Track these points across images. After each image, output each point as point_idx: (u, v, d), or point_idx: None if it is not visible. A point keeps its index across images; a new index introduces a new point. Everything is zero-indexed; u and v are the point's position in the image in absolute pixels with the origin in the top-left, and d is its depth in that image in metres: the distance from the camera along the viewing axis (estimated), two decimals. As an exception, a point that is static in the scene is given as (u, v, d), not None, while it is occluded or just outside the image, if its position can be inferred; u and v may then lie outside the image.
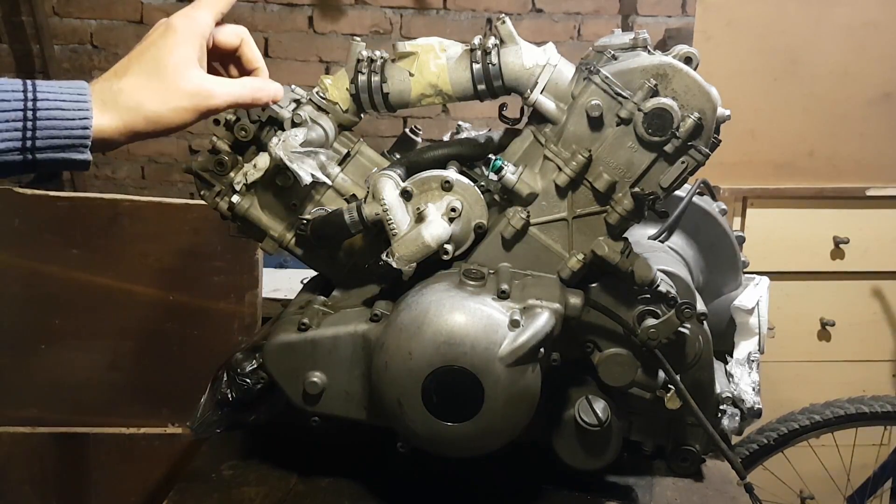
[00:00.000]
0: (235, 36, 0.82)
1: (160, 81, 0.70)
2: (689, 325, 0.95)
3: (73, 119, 0.65)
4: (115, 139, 0.68)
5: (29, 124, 0.64)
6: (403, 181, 0.96)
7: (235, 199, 1.01)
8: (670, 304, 0.94)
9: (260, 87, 0.79)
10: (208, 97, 0.72)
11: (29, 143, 0.64)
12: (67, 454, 1.80)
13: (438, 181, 0.96)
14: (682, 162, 0.91)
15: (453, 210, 0.94)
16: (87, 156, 0.67)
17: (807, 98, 2.11)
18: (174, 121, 0.71)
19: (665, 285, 0.95)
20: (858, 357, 2.21)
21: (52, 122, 0.64)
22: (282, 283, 2.12)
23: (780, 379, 2.15)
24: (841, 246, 2.13)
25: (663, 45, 2.30)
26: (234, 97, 0.75)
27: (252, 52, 0.84)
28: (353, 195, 1.01)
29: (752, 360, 1.17)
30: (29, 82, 0.66)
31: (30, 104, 0.64)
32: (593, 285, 0.98)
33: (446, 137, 1.20)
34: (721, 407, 1.08)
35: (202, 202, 1.03)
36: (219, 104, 0.74)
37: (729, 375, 1.15)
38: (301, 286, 1.15)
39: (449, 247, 0.94)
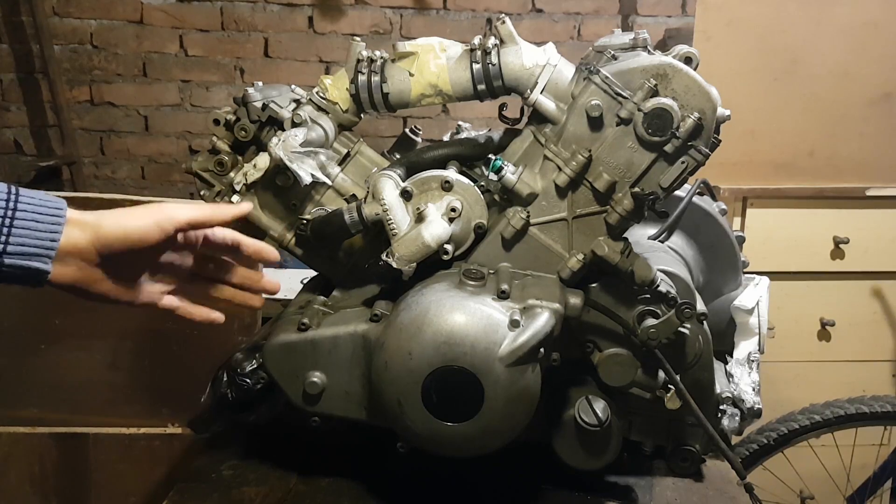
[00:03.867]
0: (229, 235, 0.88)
1: (124, 211, 0.77)
2: (689, 325, 0.95)
3: (46, 231, 0.70)
4: (85, 247, 0.74)
5: (5, 230, 0.68)
6: (403, 181, 0.96)
7: (235, 199, 1.01)
8: (670, 304, 0.94)
9: (218, 208, 0.85)
10: (164, 208, 0.79)
11: (0, 248, 0.69)
12: (67, 454, 1.80)
13: (438, 181, 0.96)
14: (682, 162, 0.91)
15: (453, 210, 0.94)
16: (49, 266, 0.72)
17: (807, 98, 2.11)
18: (137, 227, 0.76)
19: (665, 285, 0.95)
20: (858, 357, 2.21)
21: (27, 232, 0.69)
22: (282, 283, 2.12)
23: (780, 379, 2.15)
24: (841, 246, 2.13)
25: (663, 45, 2.30)
26: (193, 212, 0.80)
27: (248, 241, 0.89)
28: (353, 195, 1.01)
29: (752, 360, 1.17)
30: (13, 188, 0.70)
31: (10, 212, 0.69)
32: (593, 285, 0.98)
33: (446, 137, 1.20)
34: (721, 407, 1.08)
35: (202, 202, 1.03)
36: (177, 214, 0.79)
37: (729, 375, 1.15)
38: (301, 286, 1.15)
39: (449, 247, 0.94)
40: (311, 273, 1.13)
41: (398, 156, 1.10)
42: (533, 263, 0.96)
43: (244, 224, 1.04)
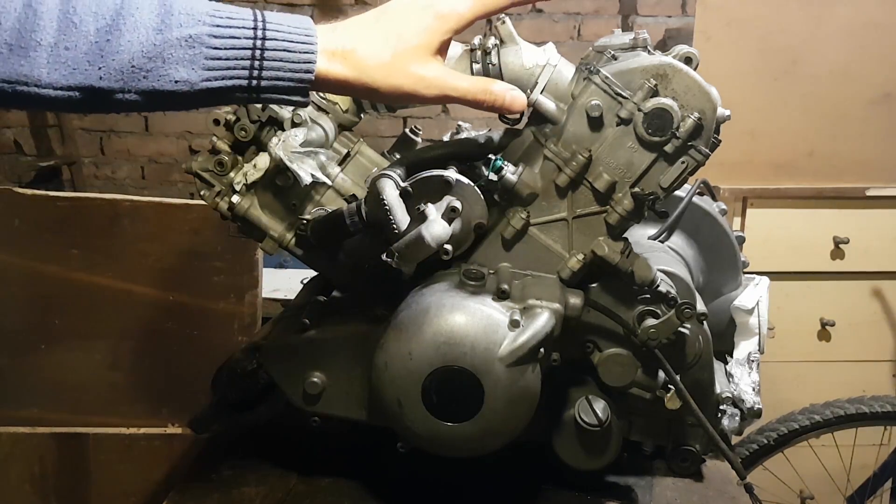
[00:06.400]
0: None
1: (392, 57, 0.70)
2: (689, 325, 0.95)
3: (298, 63, 0.66)
4: (332, 88, 0.70)
5: (256, 64, 0.64)
6: (403, 181, 0.96)
7: (235, 199, 1.01)
8: (670, 304, 0.94)
9: (488, 89, 0.76)
10: (429, 86, 0.73)
11: (254, 83, 0.65)
12: (67, 454, 1.80)
13: (438, 181, 0.96)
14: (682, 162, 0.91)
15: (453, 210, 0.94)
16: (307, 98, 0.69)
17: (807, 98, 2.11)
18: (388, 96, 0.72)
19: (665, 285, 0.95)
20: (858, 357, 2.21)
21: (278, 64, 0.65)
22: (282, 283, 2.12)
23: (780, 379, 2.15)
24: (841, 246, 2.13)
25: (663, 45, 2.29)
26: (458, 92, 0.74)
27: None
28: (353, 195, 1.01)
29: (752, 360, 1.17)
30: (259, 14, 0.66)
31: (258, 42, 0.64)
32: (593, 285, 0.98)
33: (446, 137, 1.20)
34: (721, 407, 1.08)
35: (202, 202, 1.03)
36: (436, 94, 0.73)
37: (729, 375, 1.15)
38: (301, 286, 1.16)
39: (449, 247, 0.93)
40: (311, 273, 1.13)
41: (398, 156, 1.10)
42: (533, 263, 0.96)
43: (244, 225, 1.04)
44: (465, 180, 0.97)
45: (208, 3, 0.65)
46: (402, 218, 0.93)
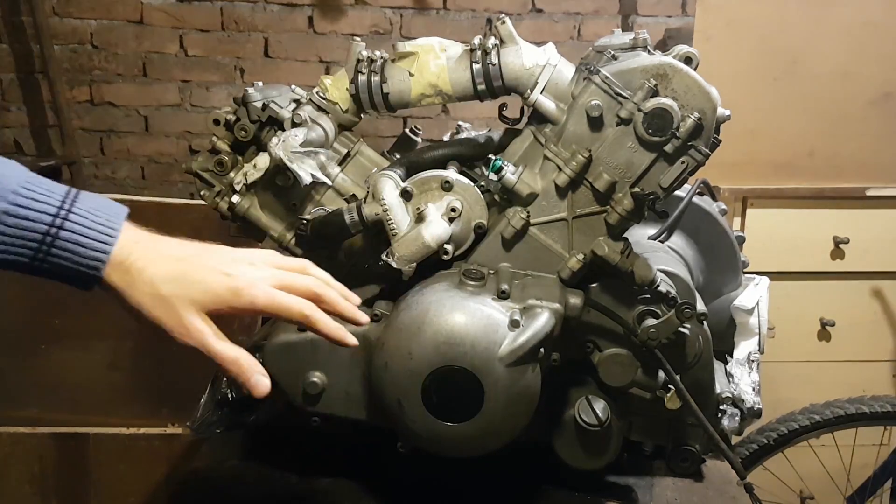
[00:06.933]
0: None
1: (165, 296, 0.69)
2: (689, 325, 0.95)
3: (83, 262, 0.65)
4: (108, 292, 0.69)
5: (43, 249, 0.64)
6: (403, 181, 0.96)
7: (235, 199, 1.01)
8: (670, 304, 0.94)
9: (239, 365, 0.73)
10: (182, 336, 0.72)
11: (36, 265, 0.64)
12: (67, 454, 1.80)
13: (438, 181, 0.96)
14: (682, 162, 0.91)
15: (453, 210, 0.94)
16: (88, 289, 0.68)
17: (807, 98, 2.11)
18: (149, 323, 0.71)
19: (665, 285, 0.95)
20: (858, 357, 2.21)
21: (65, 255, 0.65)
22: (282, 283, 2.11)
23: (780, 379, 2.15)
24: (841, 246, 2.13)
25: (663, 45, 2.30)
26: (210, 355, 0.73)
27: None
28: (353, 195, 1.01)
29: (752, 360, 1.17)
30: (68, 201, 0.64)
31: (53, 230, 0.63)
32: (593, 285, 0.98)
33: (446, 137, 1.20)
34: (721, 407, 1.08)
35: (202, 202, 1.03)
36: (189, 345, 0.73)
37: (729, 375, 1.15)
38: (301, 286, 1.15)
39: (449, 247, 0.94)
40: (311, 273, 1.13)
41: (398, 156, 1.10)
42: (533, 263, 0.96)
43: (244, 225, 1.04)
44: (465, 180, 0.97)
45: (24, 174, 0.64)
46: (401, 218, 0.93)
